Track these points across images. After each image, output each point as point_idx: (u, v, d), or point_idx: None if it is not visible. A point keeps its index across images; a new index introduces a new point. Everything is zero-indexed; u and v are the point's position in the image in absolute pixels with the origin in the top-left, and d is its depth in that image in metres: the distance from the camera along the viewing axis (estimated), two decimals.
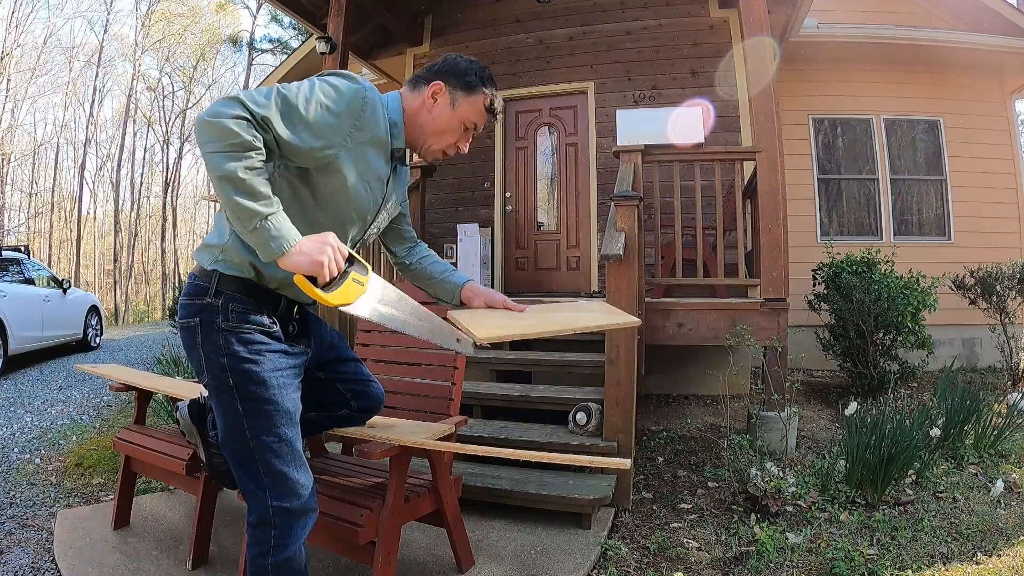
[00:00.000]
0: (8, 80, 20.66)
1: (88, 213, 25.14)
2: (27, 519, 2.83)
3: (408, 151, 1.64)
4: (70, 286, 8.33)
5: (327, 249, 1.29)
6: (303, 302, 1.56)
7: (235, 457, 1.48)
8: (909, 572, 2.26)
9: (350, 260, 1.37)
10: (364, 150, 1.45)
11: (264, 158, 1.31)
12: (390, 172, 1.57)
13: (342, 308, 1.35)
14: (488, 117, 1.62)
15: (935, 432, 3.26)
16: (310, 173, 1.43)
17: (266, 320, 1.50)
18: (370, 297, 1.40)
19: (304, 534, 1.50)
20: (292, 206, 1.42)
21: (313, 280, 1.30)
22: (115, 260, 23.61)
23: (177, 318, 1.54)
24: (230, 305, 1.45)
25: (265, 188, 1.28)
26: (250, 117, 1.27)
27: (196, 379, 1.55)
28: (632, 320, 1.67)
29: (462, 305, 1.73)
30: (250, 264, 1.45)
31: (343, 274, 1.34)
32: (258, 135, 1.28)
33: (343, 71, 1.47)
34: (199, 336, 1.45)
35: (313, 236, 1.31)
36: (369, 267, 1.40)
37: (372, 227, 1.63)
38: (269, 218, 1.27)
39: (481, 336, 1.42)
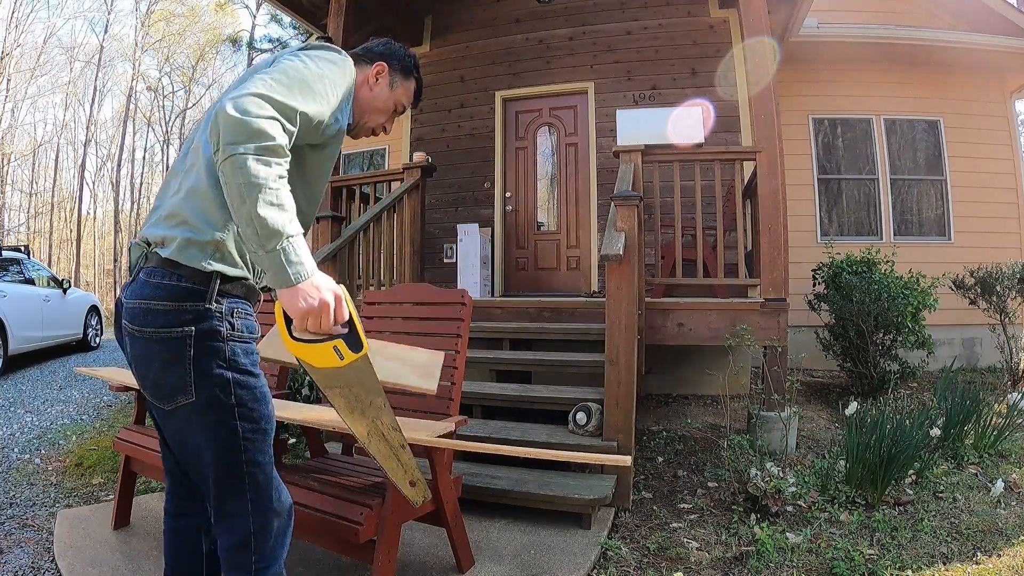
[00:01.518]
0: (8, 80, 20.66)
1: (88, 213, 25.18)
2: (27, 519, 2.83)
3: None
4: (70, 286, 8.33)
5: (324, 298, 1.15)
6: None
7: (221, 481, 1.33)
8: (909, 572, 2.26)
9: (350, 326, 1.19)
10: (345, 126, 1.45)
11: (289, 166, 1.19)
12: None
13: (301, 362, 1.19)
14: (413, 104, 1.68)
15: (935, 432, 3.27)
16: (302, 149, 1.34)
17: (257, 326, 1.38)
18: (341, 377, 1.22)
19: (285, 551, 1.42)
20: None
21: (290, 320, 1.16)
22: (115, 260, 23.61)
23: (147, 326, 1.27)
24: (235, 310, 1.31)
25: (292, 202, 1.16)
26: (280, 117, 1.17)
27: (157, 403, 1.33)
28: (429, 388, 1.73)
29: None
30: (246, 260, 1.33)
31: (328, 336, 1.17)
32: (287, 138, 1.19)
33: (325, 44, 1.42)
34: (190, 348, 1.26)
35: (325, 278, 1.17)
36: (366, 348, 1.22)
37: None
38: (291, 240, 1.13)
39: (264, 352, 1.40)
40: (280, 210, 1.13)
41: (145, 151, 25.31)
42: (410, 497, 1.43)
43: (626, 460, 1.54)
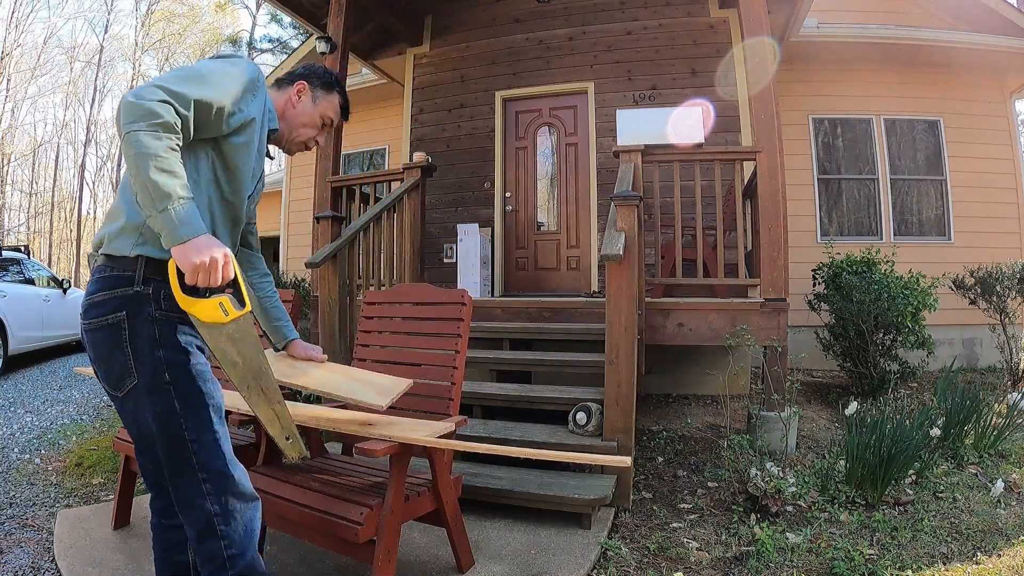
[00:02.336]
0: (8, 80, 20.67)
1: (88, 213, 25.18)
2: (27, 519, 2.83)
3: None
4: (70, 286, 8.34)
5: (213, 254, 1.26)
6: None
7: (171, 465, 1.38)
8: (909, 572, 2.26)
9: (234, 285, 1.34)
10: (257, 120, 1.53)
11: (181, 143, 1.32)
12: (265, 151, 1.64)
13: (189, 315, 1.32)
14: (340, 116, 1.81)
15: (935, 432, 3.26)
16: (218, 142, 1.45)
17: None
18: (225, 331, 1.34)
19: (256, 534, 1.43)
20: (203, 177, 1.45)
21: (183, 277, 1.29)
22: None
23: (90, 318, 1.39)
24: (162, 292, 1.37)
25: (183, 171, 1.28)
26: (171, 100, 1.29)
27: (110, 389, 1.42)
28: (379, 405, 1.85)
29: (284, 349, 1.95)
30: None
31: (211, 291, 1.30)
32: (179, 119, 1.30)
33: (228, 52, 1.57)
34: (125, 332, 1.36)
35: (214, 240, 1.29)
36: (248, 308, 1.36)
37: (252, 201, 1.65)
38: (181, 201, 1.25)
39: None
40: (171, 176, 1.25)
41: None
42: (286, 451, 1.50)
43: (626, 461, 1.54)
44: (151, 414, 1.37)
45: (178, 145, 1.30)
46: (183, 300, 1.29)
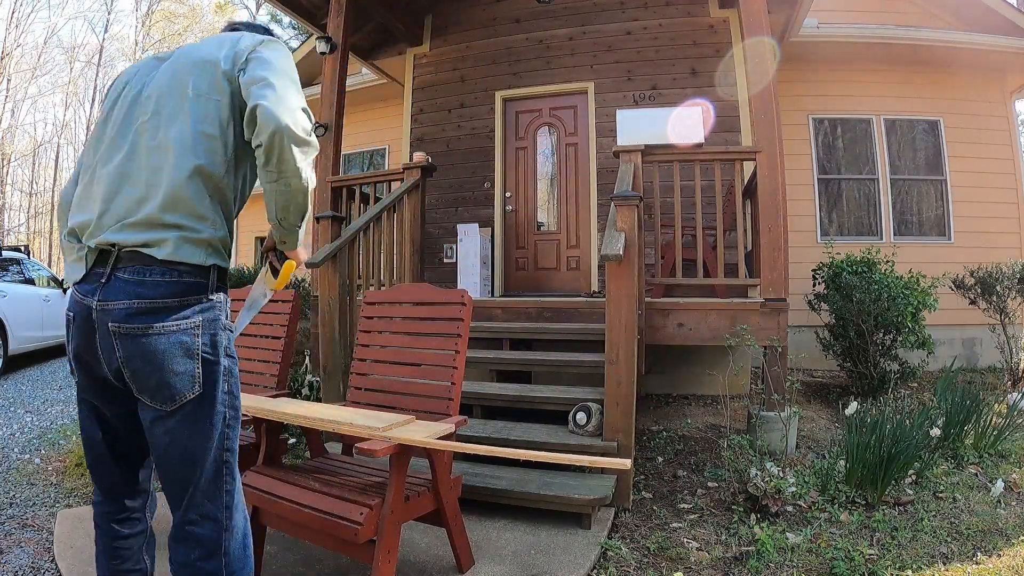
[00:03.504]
0: (8, 80, 20.67)
1: None
2: (27, 519, 2.83)
3: None
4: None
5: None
6: None
7: (211, 477, 1.32)
8: (909, 572, 2.26)
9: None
10: None
11: None
12: None
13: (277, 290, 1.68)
14: None
15: (935, 432, 3.26)
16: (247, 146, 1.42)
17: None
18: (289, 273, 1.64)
19: (251, 554, 1.41)
20: (241, 169, 1.44)
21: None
22: None
23: (142, 323, 1.26)
24: (228, 302, 1.41)
25: None
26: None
27: (159, 405, 1.29)
28: (370, 426, 1.94)
29: None
30: (226, 252, 1.42)
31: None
32: None
33: (278, 38, 1.48)
34: (198, 340, 1.30)
35: None
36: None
37: None
38: None
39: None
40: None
41: None
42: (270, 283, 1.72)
43: (626, 464, 1.53)
44: (205, 424, 1.31)
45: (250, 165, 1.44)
46: (280, 284, 1.63)
